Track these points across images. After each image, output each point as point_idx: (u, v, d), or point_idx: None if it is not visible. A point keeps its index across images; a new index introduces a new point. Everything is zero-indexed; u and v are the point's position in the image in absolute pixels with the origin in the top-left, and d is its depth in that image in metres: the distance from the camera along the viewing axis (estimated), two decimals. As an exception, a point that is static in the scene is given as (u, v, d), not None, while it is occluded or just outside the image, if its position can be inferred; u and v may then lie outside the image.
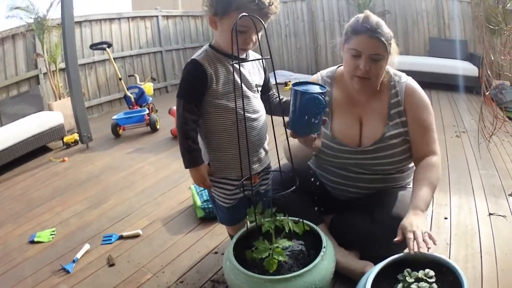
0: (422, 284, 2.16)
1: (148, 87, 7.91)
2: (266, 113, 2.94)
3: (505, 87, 10.16)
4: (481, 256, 3.47)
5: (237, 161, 2.58)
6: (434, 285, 2.18)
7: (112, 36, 9.53)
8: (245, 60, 2.70)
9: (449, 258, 2.95)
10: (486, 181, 5.05)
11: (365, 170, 3.17)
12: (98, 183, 5.05)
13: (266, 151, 3.00)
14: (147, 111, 7.39)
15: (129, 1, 20.14)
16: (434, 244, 2.40)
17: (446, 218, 4.09)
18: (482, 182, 5.01)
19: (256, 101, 2.83)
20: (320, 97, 2.39)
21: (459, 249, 3.57)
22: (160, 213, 4.22)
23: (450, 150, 6.36)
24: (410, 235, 2.45)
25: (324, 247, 2.44)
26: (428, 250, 2.38)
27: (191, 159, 2.70)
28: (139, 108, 7.53)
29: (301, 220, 2.56)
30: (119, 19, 9.75)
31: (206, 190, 3.82)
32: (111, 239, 3.72)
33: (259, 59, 2.58)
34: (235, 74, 2.61)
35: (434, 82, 10.63)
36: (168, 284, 3.13)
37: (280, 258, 2.30)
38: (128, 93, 7.63)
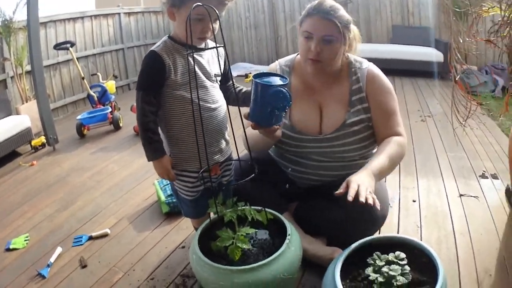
0: (394, 266, 2.13)
1: (111, 85, 7.84)
2: (226, 103, 2.91)
3: (471, 71, 10.23)
4: (454, 237, 3.49)
5: (197, 153, 2.54)
6: (406, 267, 2.15)
7: (75, 36, 9.36)
8: (201, 49, 2.67)
9: (421, 240, 2.93)
10: (454, 163, 5.10)
11: (327, 158, 3.14)
12: (66, 185, 4.98)
13: (227, 142, 2.96)
14: (110, 110, 7.32)
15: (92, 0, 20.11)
16: (377, 208, 2.39)
17: (414, 201, 4.12)
18: (450, 164, 5.06)
19: (215, 91, 2.80)
20: (285, 90, 2.37)
21: (431, 231, 3.59)
22: (127, 211, 4.19)
23: (415, 134, 6.42)
24: (354, 185, 2.42)
25: (289, 234, 2.42)
26: (367, 205, 2.36)
27: (152, 151, 2.68)
28: (102, 107, 7.45)
29: (263, 209, 2.54)
30: (82, 18, 9.59)
31: (169, 185, 3.79)
32: (81, 241, 3.69)
33: (213, 48, 2.53)
34: (193, 64, 2.60)
35: (398, 69, 10.77)
36: (140, 282, 3.11)
37: (244, 246, 2.28)
38: (91, 92, 7.54)
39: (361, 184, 2.43)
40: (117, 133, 7.10)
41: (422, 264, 2.31)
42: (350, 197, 2.34)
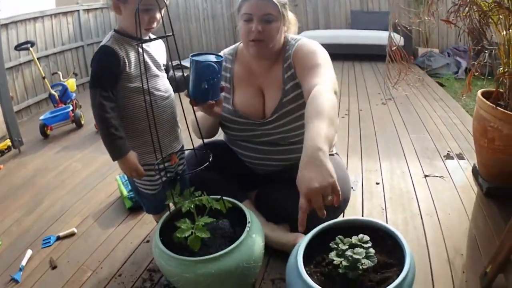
0: (358, 250, 2.11)
1: (71, 83, 7.76)
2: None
3: (433, 54, 10.33)
4: (421, 218, 3.53)
5: (157, 144, 2.50)
6: (371, 249, 2.13)
7: (36, 35, 9.17)
8: (151, 40, 2.63)
9: (387, 222, 2.94)
10: (418, 144, 5.16)
11: (276, 141, 3.17)
12: (32, 187, 4.91)
13: (180, 129, 2.98)
14: (71, 108, 7.23)
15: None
16: (337, 204, 2.11)
17: (378, 184, 4.16)
18: (413, 146, 5.12)
19: (165, 80, 2.82)
20: (213, 64, 2.45)
21: (397, 213, 3.62)
22: (91, 209, 4.16)
23: (376, 117, 6.49)
24: (303, 204, 2.08)
25: (249, 222, 2.42)
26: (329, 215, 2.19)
27: (117, 149, 2.62)
28: (64, 106, 7.36)
29: (221, 197, 2.53)
30: (42, 17, 9.39)
31: (131, 180, 3.72)
32: (50, 241, 3.65)
33: (163, 37, 2.51)
34: (144, 55, 2.67)
35: (358, 54, 10.92)
36: (108, 280, 3.09)
37: (203, 235, 2.26)
38: (52, 91, 7.45)
39: (313, 192, 2.08)
40: (79, 131, 7.03)
41: (388, 246, 2.30)
42: (301, 228, 2.09)
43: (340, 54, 11.05)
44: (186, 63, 2.56)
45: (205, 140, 2.90)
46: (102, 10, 11.18)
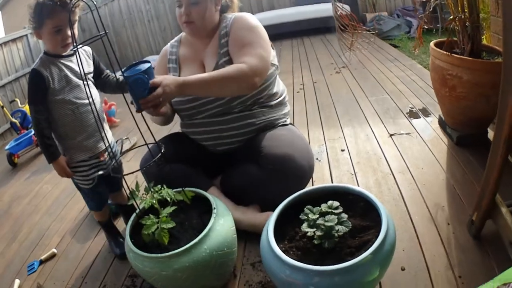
0: (329, 217, 2.11)
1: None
2: (110, 92, 3.32)
3: (382, 17, 10.39)
4: (394, 177, 3.54)
5: (84, 144, 3.06)
6: (343, 214, 2.14)
7: (-11, 67, 9.13)
8: (70, 55, 3.03)
9: (358, 186, 2.91)
10: (378, 106, 5.18)
11: (223, 111, 3.26)
12: (9, 217, 4.85)
13: (105, 131, 3.14)
14: (33, 132, 7.10)
15: (1, 27, 19.89)
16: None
17: (343, 150, 4.17)
18: (374, 108, 5.14)
19: (90, 88, 2.94)
20: (141, 76, 2.51)
21: (367, 176, 3.63)
22: (67, 227, 4.13)
23: (332, 86, 6.55)
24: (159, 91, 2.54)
25: (214, 208, 2.43)
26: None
27: (50, 154, 3.01)
28: (26, 131, 7.32)
29: (182, 189, 2.56)
30: (-8, 48, 9.32)
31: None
32: (34, 267, 3.61)
33: (96, 38, 2.53)
34: (65, 70, 2.97)
35: (305, 29, 10.91)
36: (93, 293, 3.08)
37: (169, 226, 2.28)
38: (12, 119, 7.46)
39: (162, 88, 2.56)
40: (45, 154, 6.96)
41: (360, 209, 2.31)
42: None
43: (288, 32, 11.24)
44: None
45: (164, 135, 3.18)
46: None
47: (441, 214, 2.96)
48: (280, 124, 3.40)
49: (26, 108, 7.61)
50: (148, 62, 2.60)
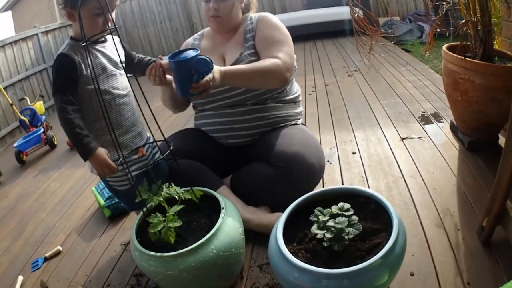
0: (339, 219, 2.08)
1: (39, 106, 7.77)
2: (142, 75, 3.04)
3: (394, 22, 10.40)
4: (405, 181, 3.51)
5: (120, 141, 2.75)
6: (354, 217, 2.11)
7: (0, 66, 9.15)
8: (93, 36, 2.59)
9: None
10: (390, 110, 5.16)
11: (237, 103, 3.33)
12: (15, 214, 4.86)
13: (142, 125, 3.03)
14: (43, 130, 7.18)
15: (11, 26, 20.00)
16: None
17: (354, 153, 4.16)
18: (386, 112, 5.12)
19: (122, 78, 2.86)
20: (204, 57, 2.55)
21: (378, 179, 3.61)
22: (73, 224, 4.12)
23: (344, 89, 6.53)
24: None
25: (223, 208, 2.40)
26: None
27: (85, 147, 2.60)
28: (35, 129, 7.30)
29: (191, 188, 2.51)
30: (3, 46, 9.31)
31: (106, 188, 3.89)
32: (38, 264, 3.60)
33: (107, 32, 2.52)
34: (100, 56, 2.73)
35: (317, 32, 11.01)
36: (98, 292, 3.06)
37: (176, 224, 2.25)
38: (22, 117, 7.42)
39: None
40: (53, 152, 7.00)
41: (372, 211, 2.28)
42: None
43: (300, 35, 11.13)
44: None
45: (176, 131, 3.22)
46: (60, 30, 11.11)
47: (451, 219, 2.93)
48: (292, 122, 3.45)
49: (36, 106, 7.64)
50: (196, 49, 2.62)
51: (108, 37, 2.86)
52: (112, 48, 2.84)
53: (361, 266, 1.85)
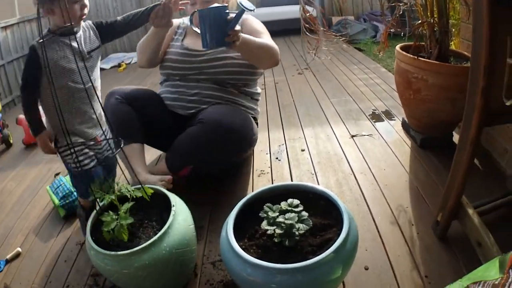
0: (289, 215, 2.11)
1: (-5, 104, 7.58)
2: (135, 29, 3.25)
3: (349, 21, 10.47)
4: (355, 178, 3.57)
5: (80, 127, 2.90)
6: (304, 213, 2.14)
7: (-44, 64, 8.99)
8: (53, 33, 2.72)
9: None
10: (340, 107, 5.25)
11: (205, 76, 3.62)
12: (-25, 217, 4.85)
13: (101, 116, 3.06)
14: (-1, 128, 7.09)
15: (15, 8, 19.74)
16: None
17: (303, 150, 4.21)
18: (336, 109, 5.21)
19: (83, 72, 2.82)
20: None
21: (328, 176, 3.66)
22: (31, 225, 4.07)
23: (293, 87, 6.62)
24: None
25: (173, 205, 2.43)
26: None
27: (34, 128, 2.81)
28: (-10, 126, 7.19)
29: (141, 185, 2.51)
30: (-40, 43, 9.17)
31: (61, 187, 3.97)
32: (0, 267, 3.55)
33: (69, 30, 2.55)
34: (66, 50, 2.75)
35: (269, 30, 11.00)
36: (57, 293, 3.06)
37: (127, 222, 2.27)
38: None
39: None
40: (9, 151, 6.81)
41: (321, 207, 2.32)
42: None
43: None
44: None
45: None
46: (18, 25, 10.92)
47: (404, 215, 2.99)
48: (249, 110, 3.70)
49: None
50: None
51: (81, 25, 2.90)
52: (81, 38, 2.88)
53: (313, 260, 1.89)
